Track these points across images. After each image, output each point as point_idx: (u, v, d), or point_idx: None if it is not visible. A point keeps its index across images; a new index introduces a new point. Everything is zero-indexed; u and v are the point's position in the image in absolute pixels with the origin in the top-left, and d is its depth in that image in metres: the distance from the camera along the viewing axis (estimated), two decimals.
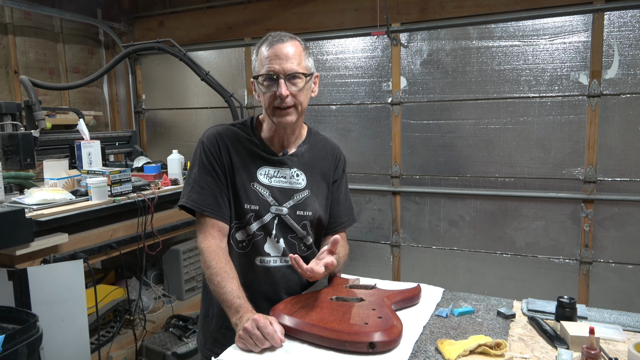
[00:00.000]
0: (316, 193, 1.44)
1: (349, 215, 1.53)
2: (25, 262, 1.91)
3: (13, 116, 2.39)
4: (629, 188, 2.48)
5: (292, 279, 1.43)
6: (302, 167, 1.43)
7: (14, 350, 1.54)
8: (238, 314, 1.17)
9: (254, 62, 1.35)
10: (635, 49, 2.40)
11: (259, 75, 1.31)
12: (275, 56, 1.28)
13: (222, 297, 1.23)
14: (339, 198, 1.52)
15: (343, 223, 1.52)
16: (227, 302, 1.21)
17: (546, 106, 2.59)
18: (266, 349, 1.09)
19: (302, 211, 1.40)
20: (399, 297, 1.32)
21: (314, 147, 1.47)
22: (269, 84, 1.30)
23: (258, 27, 3.26)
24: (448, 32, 2.76)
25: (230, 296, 1.21)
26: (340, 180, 1.51)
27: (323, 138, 1.52)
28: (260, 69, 1.31)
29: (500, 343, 1.07)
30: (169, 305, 3.02)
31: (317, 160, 1.46)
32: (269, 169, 1.40)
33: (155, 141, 3.78)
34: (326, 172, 1.47)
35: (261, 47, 1.32)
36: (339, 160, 1.52)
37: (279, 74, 1.28)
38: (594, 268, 2.57)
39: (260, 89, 1.33)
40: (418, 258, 2.97)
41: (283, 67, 1.28)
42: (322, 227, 1.48)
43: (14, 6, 2.99)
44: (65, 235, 2.03)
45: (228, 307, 1.21)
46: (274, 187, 1.39)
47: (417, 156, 2.90)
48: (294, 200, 1.40)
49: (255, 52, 1.35)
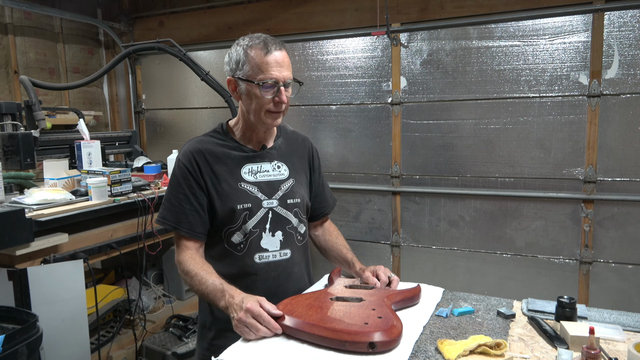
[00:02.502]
0: (299, 181, 1.50)
1: (332, 197, 1.67)
2: (25, 262, 1.91)
3: (13, 116, 2.39)
4: (629, 188, 2.48)
5: (292, 271, 1.46)
6: (282, 159, 1.49)
7: (14, 350, 1.54)
8: (224, 296, 1.22)
9: (241, 63, 1.34)
10: (635, 49, 2.40)
11: (257, 82, 1.32)
12: (277, 63, 1.32)
13: (206, 290, 1.27)
14: (323, 183, 1.63)
15: (330, 204, 1.65)
16: (212, 292, 1.26)
17: (546, 106, 2.59)
18: (266, 349, 1.09)
19: (291, 199, 1.45)
20: (398, 297, 1.32)
21: (288, 140, 1.55)
22: (268, 91, 1.33)
23: (258, 27, 3.26)
24: (448, 32, 2.76)
25: (212, 287, 1.26)
26: (319, 168, 1.62)
27: (292, 131, 1.61)
28: (259, 74, 1.32)
29: (500, 343, 1.07)
30: (169, 305, 3.03)
31: (293, 151, 1.54)
32: (251, 166, 1.43)
33: (155, 141, 3.78)
34: (303, 162, 1.55)
35: (254, 49, 1.32)
36: (312, 149, 1.61)
37: (280, 81, 1.33)
38: (594, 268, 2.57)
39: (254, 91, 1.33)
40: (418, 258, 2.97)
41: (284, 75, 1.33)
42: (308, 213, 1.55)
43: (14, 6, 2.99)
44: (65, 235, 2.03)
45: (214, 296, 1.25)
46: (260, 182, 1.42)
47: (417, 156, 2.90)
48: (282, 190, 1.45)
49: (242, 52, 1.34)
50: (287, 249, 1.43)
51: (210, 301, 1.28)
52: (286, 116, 1.44)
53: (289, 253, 1.44)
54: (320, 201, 1.60)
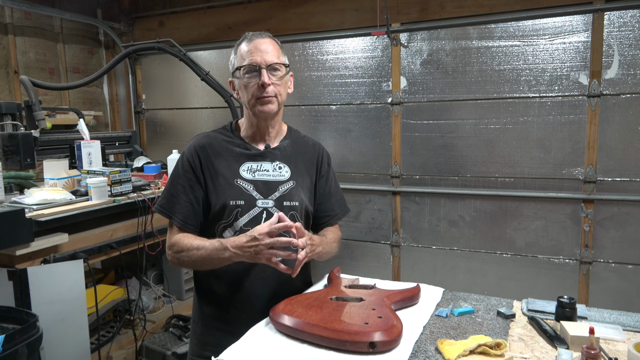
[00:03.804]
0: (301, 184, 1.47)
1: (341, 207, 1.59)
2: (25, 262, 1.91)
3: (13, 116, 2.39)
4: (629, 188, 2.48)
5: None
6: (285, 160, 1.47)
7: (14, 350, 1.53)
8: (226, 246, 1.26)
9: (233, 60, 1.42)
10: (635, 49, 2.40)
11: (241, 67, 1.37)
12: (256, 49, 1.36)
13: (206, 252, 1.30)
14: (330, 191, 1.56)
15: (337, 215, 1.57)
16: (212, 250, 1.29)
17: (546, 106, 2.59)
18: (266, 349, 1.09)
19: (288, 201, 1.42)
20: (398, 297, 1.32)
21: (296, 143, 1.53)
22: (251, 76, 1.36)
23: (258, 27, 3.24)
24: (448, 32, 2.76)
25: (211, 245, 1.30)
26: (327, 175, 1.56)
27: (304, 136, 1.58)
28: (241, 62, 1.38)
29: (500, 343, 1.07)
30: (169, 305, 3.03)
31: (299, 154, 1.51)
32: (251, 164, 1.43)
33: (155, 141, 3.78)
34: (309, 166, 1.51)
35: (240, 44, 1.40)
36: (322, 155, 1.56)
37: (260, 65, 1.35)
38: (594, 268, 2.57)
39: (242, 81, 1.38)
40: (418, 258, 2.97)
41: (264, 58, 1.36)
42: (309, 219, 1.51)
43: (14, 6, 2.98)
44: (65, 235, 2.03)
45: (216, 253, 1.29)
46: (258, 180, 1.42)
47: (417, 156, 2.90)
48: (279, 192, 1.43)
49: (234, 51, 1.42)
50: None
51: (214, 261, 1.31)
52: (286, 116, 1.45)
53: None
54: (324, 209, 1.54)
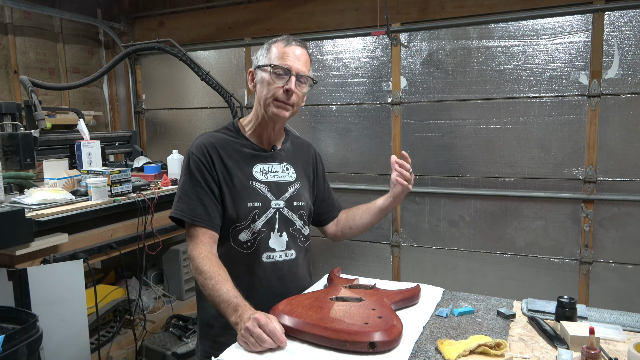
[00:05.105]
0: (304, 185, 1.52)
1: (337, 201, 1.72)
2: (25, 262, 1.91)
3: (13, 116, 2.39)
4: (629, 188, 2.47)
5: (297, 271, 1.47)
6: (290, 161, 1.51)
7: (14, 350, 1.53)
8: (237, 312, 1.16)
9: (263, 55, 1.40)
10: (635, 49, 2.40)
11: (271, 65, 1.36)
12: (293, 54, 1.37)
13: (219, 299, 1.22)
14: (328, 188, 1.69)
15: (337, 207, 1.70)
16: (224, 302, 1.20)
17: (546, 106, 2.59)
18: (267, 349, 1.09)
19: (297, 202, 1.47)
20: (398, 297, 1.32)
21: (295, 144, 1.58)
22: (279, 77, 1.36)
23: (258, 27, 3.26)
24: (448, 32, 2.76)
25: (227, 296, 1.21)
26: (323, 173, 1.67)
27: (297, 135, 1.65)
28: (274, 60, 1.36)
29: (500, 343, 1.07)
30: (169, 305, 3.02)
31: (299, 154, 1.56)
32: (262, 166, 1.44)
33: (155, 141, 3.78)
34: (306, 167, 1.58)
35: (277, 42, 1.40)
36: (315, 154, 1.64)
37: (292, 71, 1.35)
38: (594, 268, 2.57)
39: (266, 78, 1.37)
40: (418, 258, 2.97)
41: (297, 66, 1.36)
42: (310, 217, 1.57)
43: (14, 6, 2.99)
44: (65, 235, 2.03)
45: (226, 307, 1.20)
46: (271, 182, 1.44)
47: (417, 156, 2.90)
48: (289, 192, 1.46)
49: (267, 47, 1.41)
50: (291, 249, 1.45)
51: (219, 310, 1.23)
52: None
53: (294, 254, 1.45)
54: (327, 205, 1.66)
